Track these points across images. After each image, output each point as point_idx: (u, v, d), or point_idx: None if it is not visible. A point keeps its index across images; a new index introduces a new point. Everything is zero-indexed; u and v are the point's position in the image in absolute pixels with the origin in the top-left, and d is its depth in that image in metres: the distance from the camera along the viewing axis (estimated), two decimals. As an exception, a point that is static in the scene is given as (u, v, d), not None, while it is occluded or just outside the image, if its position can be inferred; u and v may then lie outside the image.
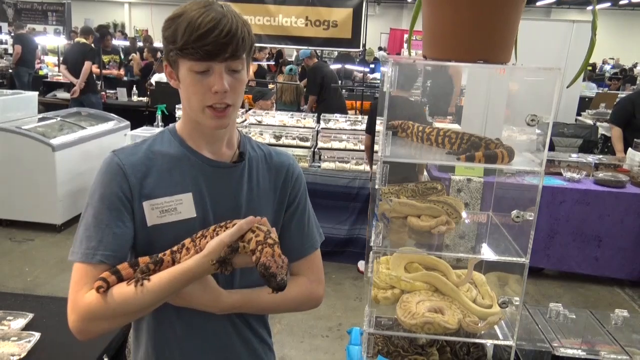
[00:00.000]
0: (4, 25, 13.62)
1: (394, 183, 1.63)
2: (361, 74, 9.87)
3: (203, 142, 1.27)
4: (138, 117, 7.19)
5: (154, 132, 5.41)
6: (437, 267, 1.57)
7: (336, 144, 5.05)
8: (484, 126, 5.04)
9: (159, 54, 9.56)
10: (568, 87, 1.28)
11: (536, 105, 1.53)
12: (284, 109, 6.62)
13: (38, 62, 11.19)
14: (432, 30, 1.22)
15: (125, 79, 8.72)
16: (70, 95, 6.94)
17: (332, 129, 5.21)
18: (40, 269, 4.51)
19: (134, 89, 8.18)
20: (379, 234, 1.25)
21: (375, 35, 18.81)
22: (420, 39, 1.36)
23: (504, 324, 1.44)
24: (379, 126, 4.89)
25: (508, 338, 1.40)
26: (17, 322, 2.03)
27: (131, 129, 6.04)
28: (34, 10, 12.73)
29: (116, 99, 7.94)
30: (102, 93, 7.78)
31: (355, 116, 5.71)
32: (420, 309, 1.39)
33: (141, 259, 1.15)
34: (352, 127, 5.22)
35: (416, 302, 1.42)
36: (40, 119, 5.66)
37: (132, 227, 1.21)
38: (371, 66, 11.23)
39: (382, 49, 15.62)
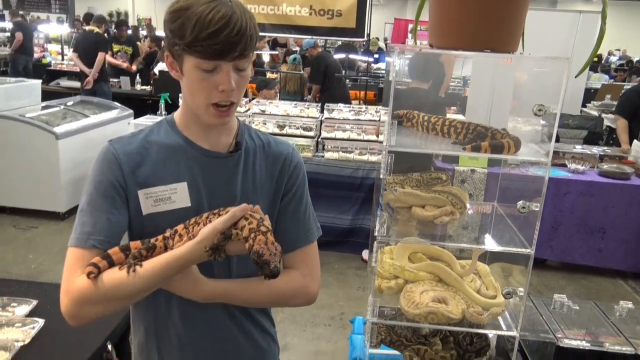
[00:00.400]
0: (6, 13, 13.56)
1: (399, 173, 1.62)
2: (365, 64, 9.82)
3: (200, 132, 1.27)
4: (141, 105, 7.18)
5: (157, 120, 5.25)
6: (441, 257, 1.57)
7: (340, 134, 5.03)
8: (488, 116, 5.01)
9: (163, 43, 9.53)
10: (576, 77, 1.28)
11: (543, 96, 1.52)
12: (287, 98, 6.59)
13: (41, 50, 11.16)
14: (439, 19, 1.21)
15: (134, 68, 8.64)
16: (83, 86, 6.90)
17: (336, 118, 5.19)
18: (44, 256, 4.53)
19: (138, 77, 8.16)
20: (383, 224, 1.24)
21: (380, 25, 18.69)
22: (426, 29, 1.35)
23: (507, 314, 1.44)
24: (384, 116, 4.86)
25: (512, 329, 1.40)
26: (21, 309, 2.04)
27: (134, 118, 6.04)
28: (37, -3, 12.68)
29: (120, 87, 7.93)
30: (109, 82, 7.75)
31: (359, 106, 5.67)
32: (424, 299, 1.39)
33: (132, 244, 1.15)
34: (356, 117, 5.19)
35: (420, 292, 1.41)
36: (44, 107, 5.65)
37: (126, 214, 1.21)
38: (375, 56, 11.16)
39: (385, 39, 15.49)
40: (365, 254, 4.87)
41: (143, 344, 1.35)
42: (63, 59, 9.69)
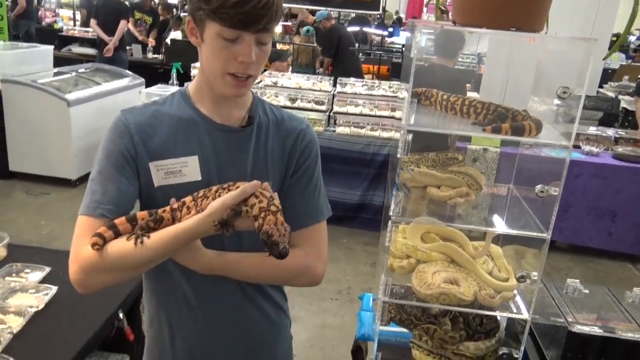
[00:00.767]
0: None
1: (414, 152, 1.60)
2: (379, 38, 9.68)
3: (213, 104, 1.25)
4: (153, 74, 7.15)
5: (169, 90, 5.45)
6: (454, 237, 1.56)
7: (352, 109, 4.99)
8: (503, 95, 4.95)
9: (175, 11, 9.41)
10: (604, 59, 1.23)
11: (564, 77, 1.48)
12: (299, 70, 6.53)
13: (53, 15, 11.06)
14: (463, -5, 1.17)
15: (151, 42, 8.52)
16: (102, 54, 6.85)
17: (348, 93, 5.14)
18: (55, 222, 4.58)
19: (149, 46, 8.10)
20: (398, 204, 1.23)
21: (395, -2, 18.32)
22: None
23: (518, 297, 1.44)
24: (398, 92, 4.78)
25: (522, 311, 1.40)
26: (35, 275, 2.06)
27: (146, 87, 6.02)
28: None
29: (131, 55, 7.88)
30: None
31: (372, 81, 5.61)
32: (436, 279, 1.39)
33: (139, 214, 1.15)
34: (369, 92, 5.14)
35: (432, 273, 1.41)
36: (56, 74, 5.64)
37: (136, 185, 1.21)
38: (389, 30, 10.99)
39: (396, 12, 15.16)
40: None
41: (154, 316, 1.36)
42: (75, 25, 9.59)
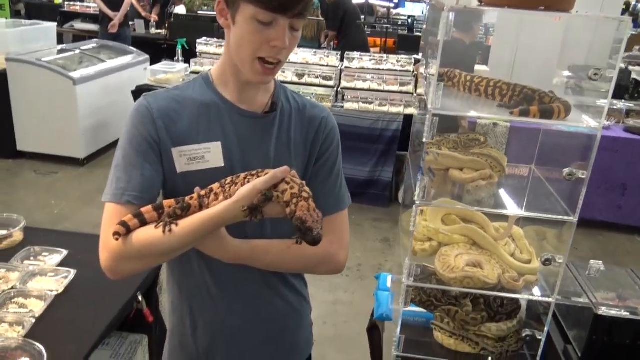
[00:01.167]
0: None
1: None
2: (384, 9, 9.53)
3: (237, 89, 1.24)
4: (156, 50, 7.07)
5: (175, 67, 5.38)
6: (474, 219, 1.55)
7: (360, 84, 4.94)
8: (511, 70, 4.88)
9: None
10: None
11: (588, 56, 1.46)
12: (303, 45, 6.44)
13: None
14: (490, -27, 1.14)
15: (154, 18, 8.38)
16: (107, 30, 6.76)
17: (356, 68, 5.08)
18: (65, 201, 4.60)
19: (152, 21, 8.00)
20: (424, 189, 1.22)
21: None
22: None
23: (541, 277, 1.43)
24: (408, 66, 4.70)
25: (545, 293, 1.40)
26: (53, 258, 2.07)
27: (150, 63, 5.96)
28: None
29: (134, 30, 7.79)
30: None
31: (380, 55, 5.54)
32: (459, 262, 1.38)
33: (166, 202, 1.14)
34: (377, 67, 5.08)
35: (455, 256, 1.41)
36: (60, 51, 5.58)
37: (160, 170, 1.20)
38: (395, 1, 10.80)
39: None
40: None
41: (176, 304, 1.37)
42: (94, 2, 9.41)
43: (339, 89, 4.97)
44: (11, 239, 2.15)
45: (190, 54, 5.58)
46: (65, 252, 2.10)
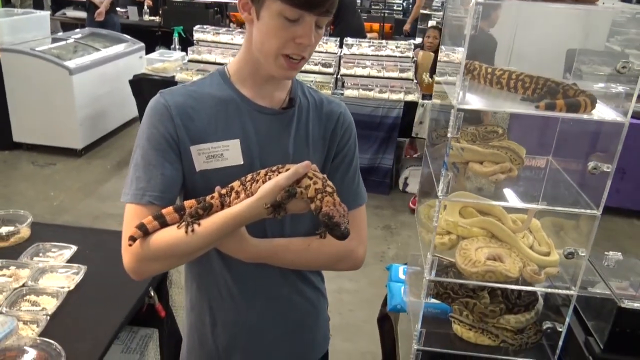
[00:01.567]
0: None
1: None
2: (380, -6, 9.44)
3: (255, 86, 1.22)
4: (150, 37, 6.97)
5: (172, 56, 5.29)
6: (492, 211, 1.54)
7: (359, 71, 4.90)
8: (508, 60, 4.85)
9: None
10: None
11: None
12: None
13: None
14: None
15: (148, 2, 8.24)
16: (93, 18, 6.65)
17: (355, 54, 5.04)
18: (65, 193, 4.56)
19: (145, 7, 7.88)
20: (447, 184, 1.21)
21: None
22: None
23: (560, 268, 1.43)
24: (407, 52, 4.64)
25: (564, 284, 1.40)
26: (62, 254, 2.05)
27: (146, 52, 5.88)
28: None
29: (127, 18, 7.68)
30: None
31: (379, 41, 5.49)
32: (480, 256, 1.38)
33: (187, 203, 1.12)
34: (376, 53, 5.04)
35: (475, 249, 1.40)
36: (54, 40, 5.50)
37: (180, 168, 1.18)
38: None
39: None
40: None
41: (195, 302, 1.36)
42: None
43: (338, 76, 4.93)
44: (18, 235, 2.13)
45: (187, 42, 5.51)
46: (74, 248, 2.08)
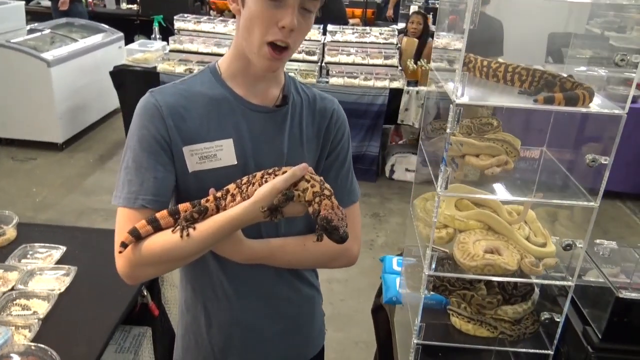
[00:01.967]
0: None
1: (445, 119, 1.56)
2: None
3: (247, 83, 1.19)
4: (128, 27, 6.83)
5: (153, 46, 5.19)
6: (487, 203, 1.54)
7: (344, 58, 4.87)
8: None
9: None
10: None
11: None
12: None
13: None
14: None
15: None
16: (57, 7, 6.48)
17: (339, 41, 5.00)
18: (47, 189, 4.47)
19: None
20: (446, 179, 1.20)
21: None
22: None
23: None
24: (391, 38, 4.60)
25: (560, 274, 1.41)
26: (51, 255, 2.01)
27: (126, 43, 5.77)
28: None
29: (104, 6, 7.52)
30: (89, 0, 7.33)
31: (362, 28, 5.46)
32: (478, 249, 1.38)
33: (181, 206, 1.10)
34: (360, 40, 5.01)
35: (473, 242, 1.40)
36: (30, 32, 5.36)
37: (173, 170, 1.16)
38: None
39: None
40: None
41: (190, 302, 1.35)
42: None
43: (322, 64, 4.90)
44: (4, 236, 2.08)
45: (167, 31, 5.41)
46: (63, 249, 2.04)
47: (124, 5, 7.75)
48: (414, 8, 7.29)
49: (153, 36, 5.40)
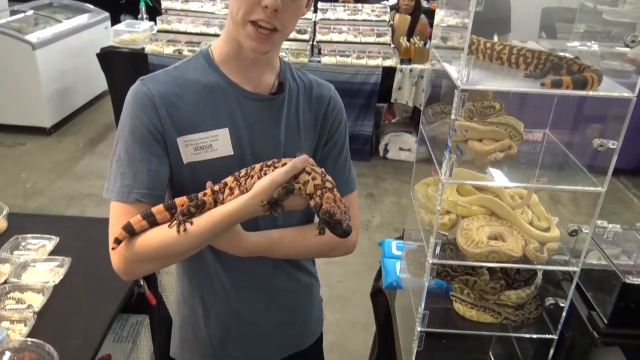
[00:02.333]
0: None
1: (444, 102, 1.52)
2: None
3: (241, 69, 1.14)
4: (114, 6, 6.67)
5: (140, 26, 5.09)
6: (489, 187, 1.51)
7: (336, 37, 4.79)
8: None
9: None
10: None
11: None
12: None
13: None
14: None
15: None
16: None
17: (330, 19, 4.91)
18: (37, 174, 4.40)
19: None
20: (450, 166, 1.17)
21: None
22: None
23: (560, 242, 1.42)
24: (384, 15, 4.54)
25: (565, 259, 1.39)
26: (44, 246, 1.97)
27: (112, 23, 5.64)
28: None
29: (88, -15, 7.31)
30: (72, -21, 7.12)
31: (354, 5, 5.36)
32: (482, 236, 1.36)
33: (178, 200, 1.06)
34: (352, 17, 4.92)
35: (476, 229, 1.38)
36: (12, 13, 5.21)
37: (167, 162, 1.12)
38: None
39: None
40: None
41: (187, 295, 1.33)
42: None
43: (314, 43, 4.81)
44: (-5, 228, 2.03)
45: (154, 11, 5.28)
46: (56, 239, 2.00)
47: (108, -16, 7.56)
48: (405, -17, 7.16)
49: (140, 16, 5.28)
